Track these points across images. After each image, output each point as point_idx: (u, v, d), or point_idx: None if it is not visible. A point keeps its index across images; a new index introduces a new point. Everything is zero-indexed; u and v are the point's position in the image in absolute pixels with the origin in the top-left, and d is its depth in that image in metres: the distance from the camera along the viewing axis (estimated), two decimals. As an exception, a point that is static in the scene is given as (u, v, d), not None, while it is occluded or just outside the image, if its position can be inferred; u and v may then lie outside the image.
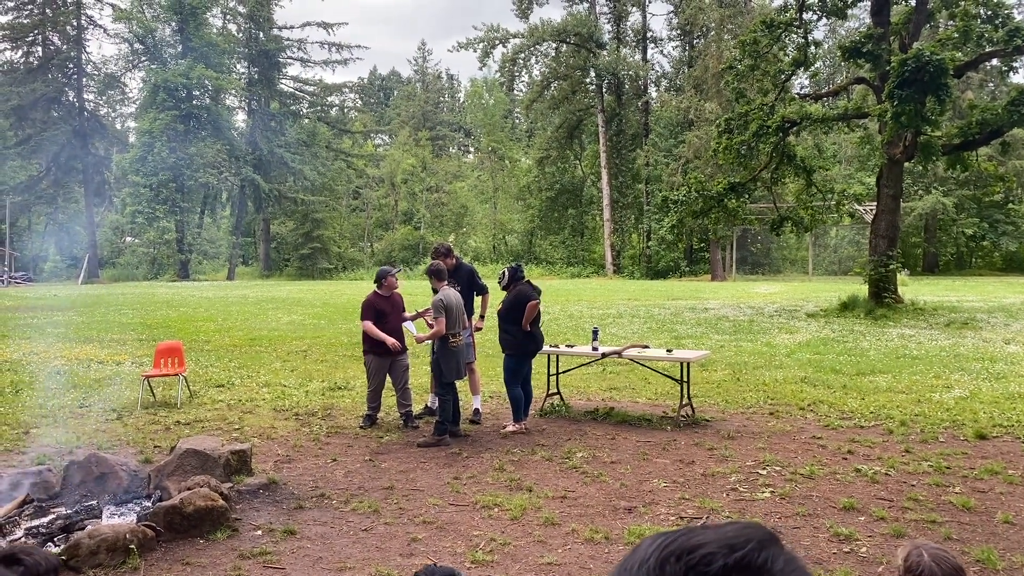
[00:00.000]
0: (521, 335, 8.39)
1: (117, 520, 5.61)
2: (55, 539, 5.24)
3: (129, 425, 8.81)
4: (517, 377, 8.47)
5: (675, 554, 0.71)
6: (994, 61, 22.32)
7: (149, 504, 5.87)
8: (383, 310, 8.69)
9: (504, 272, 8.72)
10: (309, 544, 5.34)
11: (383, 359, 8.67)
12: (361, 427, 8.57)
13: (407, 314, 8.99)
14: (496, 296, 8.95)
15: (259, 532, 5.55)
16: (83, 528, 5.23)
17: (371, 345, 8.70)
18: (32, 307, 25.60)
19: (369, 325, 8.60)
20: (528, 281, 8.63)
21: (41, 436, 8.32)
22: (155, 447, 7.77)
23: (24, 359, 13.86)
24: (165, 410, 9.55)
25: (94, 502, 5.80)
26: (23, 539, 5.16)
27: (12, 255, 52.41)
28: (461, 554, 5.11)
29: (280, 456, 7.49)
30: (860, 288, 21.65)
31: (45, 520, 5.49)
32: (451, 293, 8.18)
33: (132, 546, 4.97)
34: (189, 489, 5.64)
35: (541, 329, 8.77)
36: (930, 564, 2.60)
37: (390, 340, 8.55)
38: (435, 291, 8.24)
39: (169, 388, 10.64)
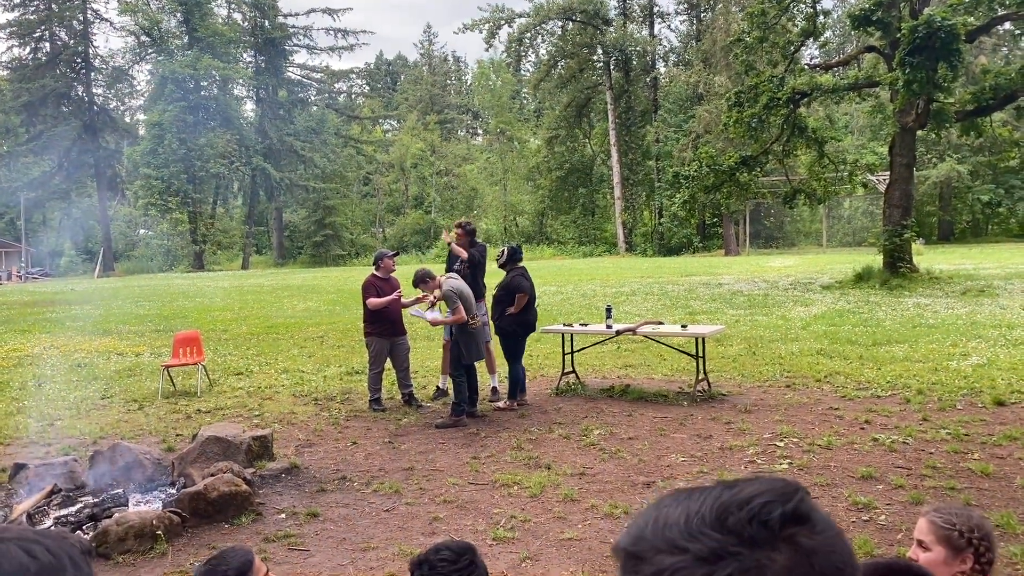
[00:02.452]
0: (513, 317, 8.53)
1: (143, 507, 5.70)
2: (83, 527, 5.34)
3: (151, 415, 8.92)
4: (516, 356, 8.61)
5: (735, 504, 0.70)
6: (1007, 24, 21.97)
7: (174, 491, 5.96)
8: (383, 291, 8.78)
9: (503, 251, 8.83)
10: (332, 526, 5.42)
11: (385, 340, 8.79)
12: (374, 411, 8.64)
13: (409, 299, 9.01)
14: (494, 277, 8.93)
15: (283, 515, 5.63)
16: (110, 516, 5.31)
17: (374, 327, 8.80)
18: (50, 302, 25.87)
19: (374, 300, 8.70)
20: (523, 267, 8.74)
21: (65, 428, 8.45)
22: (177, 435, 7.88)
23: (45, 353, 14.04)
24: (186, 399, 9.67)
25: (120, 491, 5.90)
26: (52, 527, 5.26)
27: (28, 251, 52.88)
28: (482, 531, 5.17)
29: (301, 441, 7.57)
30: (875, 259, 21.52)
31: (73, 509, 5.59)
32: (458, 281, 8.22)
33: (159, 532, 5.06)
34: (212, 475, 5.72)
35: (536, 309, 8.93)
36: (987, 522, 2.46)
37: (395, 295, 8.71)
38: (439, 287, 8.24)
39: (189, 377, 10.76)
